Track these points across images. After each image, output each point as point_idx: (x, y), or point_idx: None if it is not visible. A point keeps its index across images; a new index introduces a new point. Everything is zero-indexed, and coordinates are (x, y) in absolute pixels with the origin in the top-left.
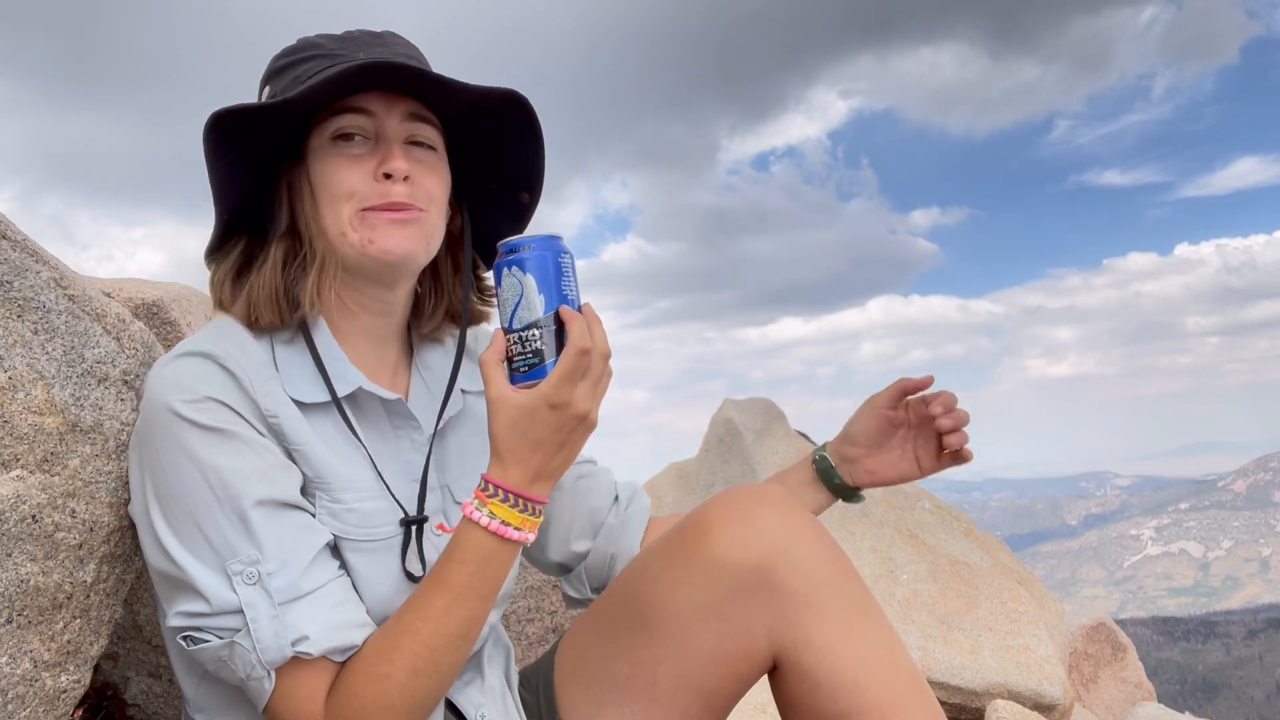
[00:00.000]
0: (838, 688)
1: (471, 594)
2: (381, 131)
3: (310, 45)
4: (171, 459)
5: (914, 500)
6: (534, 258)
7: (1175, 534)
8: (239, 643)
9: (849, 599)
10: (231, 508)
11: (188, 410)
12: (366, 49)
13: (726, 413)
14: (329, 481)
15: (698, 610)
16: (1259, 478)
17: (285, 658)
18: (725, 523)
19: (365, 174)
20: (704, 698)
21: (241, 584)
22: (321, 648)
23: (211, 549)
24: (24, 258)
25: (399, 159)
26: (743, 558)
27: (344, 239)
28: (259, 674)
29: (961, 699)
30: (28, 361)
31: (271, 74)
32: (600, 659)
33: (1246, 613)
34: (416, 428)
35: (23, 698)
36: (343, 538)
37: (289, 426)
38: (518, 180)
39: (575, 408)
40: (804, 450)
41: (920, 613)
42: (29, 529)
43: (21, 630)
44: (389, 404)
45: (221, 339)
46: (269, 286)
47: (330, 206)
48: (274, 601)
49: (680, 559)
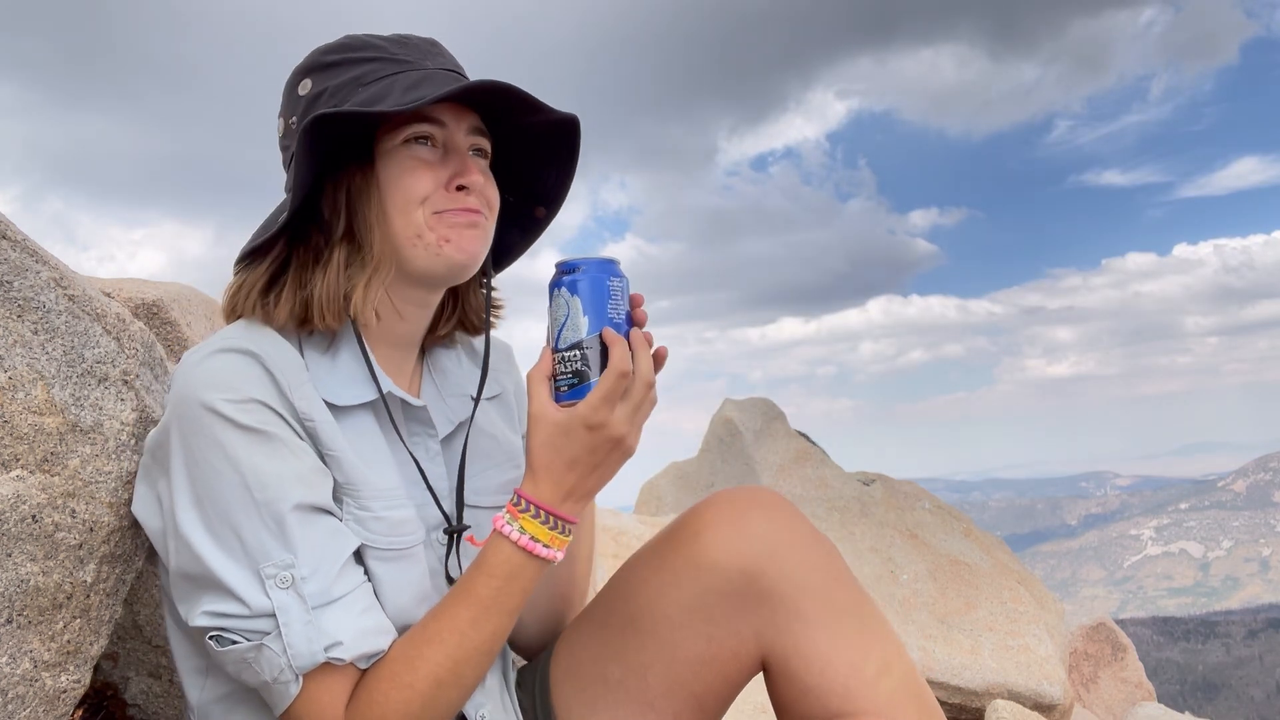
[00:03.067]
0: (827, 694)
1: (498, 608)
2: (451, 142)
3: (366, 45)
4: (208, 459)
5: (914, 500)
6: (584, 279)
7: (1175, 534)
8: (268, 646)
9: (840, 604)
10: (269, 511)
11: (230, 410)
12: (430, 57)
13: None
14: (358, 489)
15: (687, 613)
16: (1259, 478)
17: (316, 663)
18: (715, 526)
19: (438, 181)
20: (696, 700)
21: (275, 588)
22: (353, 653)
23: (245, 551)
24: (24, 258)
25: (475, 173)
26: (731, 562)
27: (418, 241)
28: (286, 678)
29: (961, 699)
30: (28, 361)
31: (316, 68)
32: (593, 660)
33: (1246, 613)
34: (432, 434)
35: (23, 698)
36: (368, 545)
37: (323, 431)
38: (540, 196)
39: (612, 430)
40: (804, 450)
41: (920, 613)
42: (29, 529)
43: (21, 630)
44: (410, 409)
45: (259, 338)
46: (333, 288)
47: (403, 211)
48: (308, 606)
49: (671, 561)
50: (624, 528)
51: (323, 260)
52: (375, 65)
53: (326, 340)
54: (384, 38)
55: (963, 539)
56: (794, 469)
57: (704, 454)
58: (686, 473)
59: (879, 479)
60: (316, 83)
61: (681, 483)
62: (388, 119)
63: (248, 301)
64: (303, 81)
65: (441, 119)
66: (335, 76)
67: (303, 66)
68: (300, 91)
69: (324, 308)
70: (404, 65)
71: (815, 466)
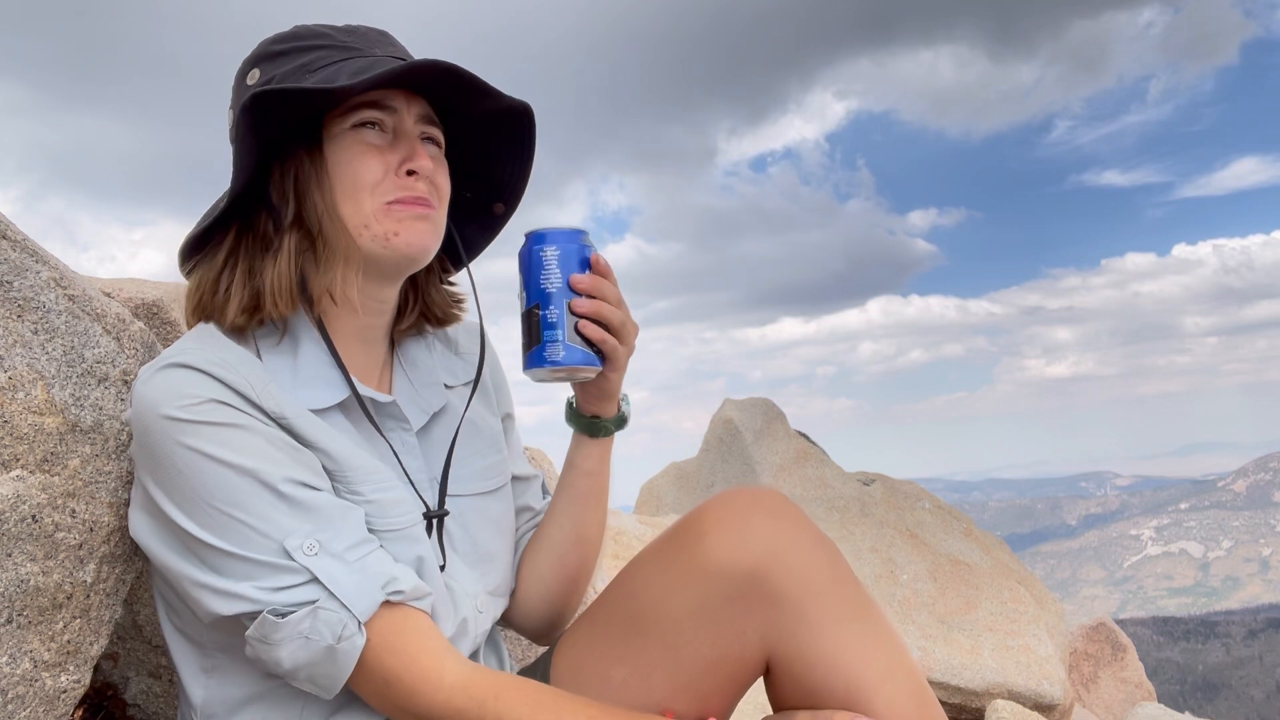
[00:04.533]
0: (829, 699)
1: None
2: (401, 128)
3: (315, 34)
4: (190, 464)
5: (914, 500)
6: (522, 254)
7: (1175, 534)
8: (323, 607)
9: (844, 607)
10: (269, 491)
11: (187, 414)
12: (379, 46)
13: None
14: (346, 474)
15: (691, 616)
16: (1259, 478)
17: (377, 604)
18: (719, 528)
19: (387, 166)
20: (700, 701)
21: (304, 556)
22: (410, 586)
23: (263, 535)
24: (24, 258)
25: (424, 157)
26: (736, 563)
27: (366, 231)
28: (350, 631)
29: (961, 699)
30: (28, 361)
31: (264, 57)
32: (596, 662)
33: (1246, 613)
34: (407, 428)
35: (23, 698)
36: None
37: (299, 425)
38: (498, 191)
39: None
40: (804, 450)
41: (920, 613)
42: (29, 529)
43: (21, 630)
44: (380, 406)
45: (207, 349)
46: (285, 277)
47: (352, 197)
48: (346, 560)
49: (674, 563)
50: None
51: (273, 248)
52: (323, 52)
53: (286, 343)
54: (334, 27)
55: (963, 539)
56: (794, 469)
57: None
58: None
59: (879, 479)
60: (264, 71)
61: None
62: (333, 101)
63: (203, 303)
64: (251, 71)
65: (391, 104)
66: (283, 65)
67: (251, 56)
68: (248, 81)
69: (275, 296)
70: (352, 52)
71: (815, 466)
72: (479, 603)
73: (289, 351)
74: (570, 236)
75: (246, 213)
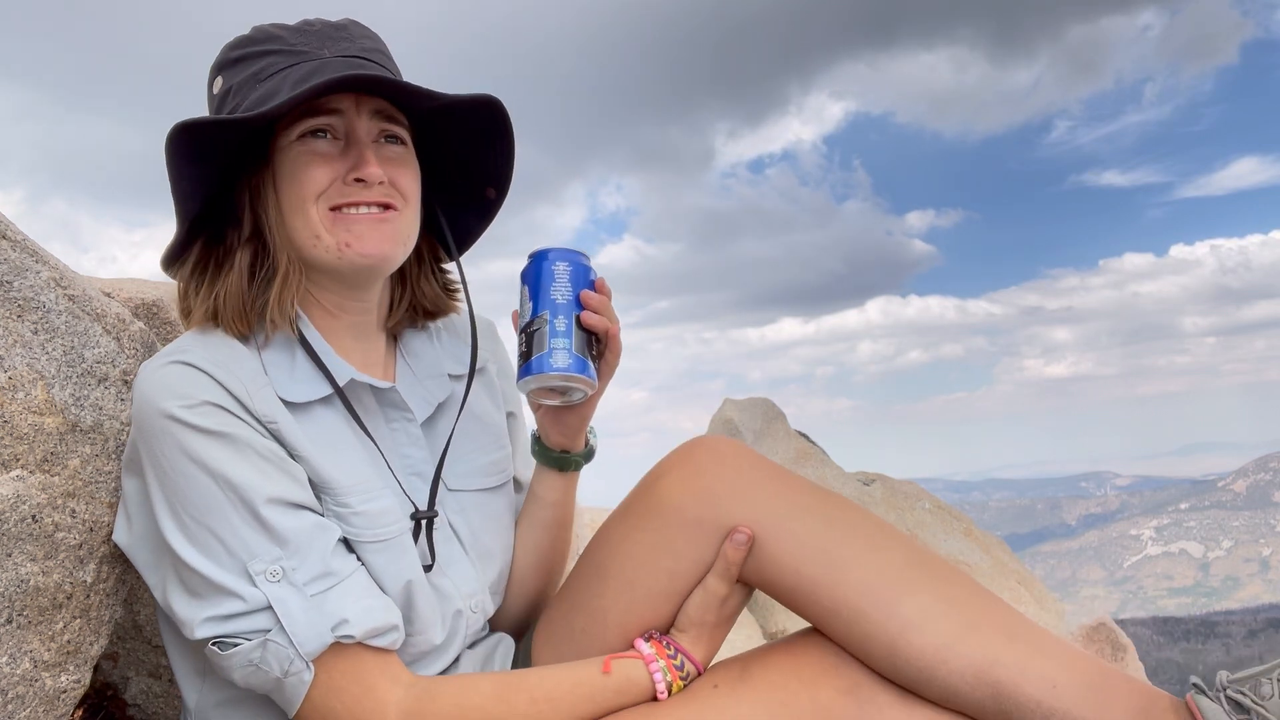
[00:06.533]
0: (810, 590)
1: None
2: (352, 131)
3: (268, 37)
4: (176, 465)
5: (914, 500)
6: (530, 267)
7: (1175, 534)
8: (273, 640)
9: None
10: (246, 509)
11: (187, 415)
12: (330, 44)
13: (726, 413)
14: (332, 485)
15: (649, 552)
16: (1259, 478)
17: (325, 645)
18: (670, 471)
19: (334, 174)
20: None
21: (265, 582)
22: (362, 629)
23: (229, 552)
24: (24, 258)
25: (372, 164)
26: (688, 498)
27: (318, 242)
28: (297, 668)
29: None
30: (28, 361)
31: (225, 64)
32: (563, 616)
33: (1246, 613)
34: (410, 418)
35: (23, 698)
36: (354, 540)
37: (286, 432)
38: (486, 177)
39: None
40: (804, 450)
41: None
42: (29, 529)
43: (21, 630)
44: (381, 394)
45: (207, 347)
46: (235, 295)
47: (299, 210)
48: (305, 594)
49: (633, 509)
50: None
51: (226, 265)
52: (273, 59)
53: (285, 339)
54: (287, 27)
55: (963, 539)
56: (794, 469)
57: None
58: None
59: (879, 479)
60: (225, 79)
61: None
62: (261, 121)
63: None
64: (216, 80)
65: (337, 107)
66: (239, 73)
67: (215, 63)
68: (214, 90)
69: (227, 314)
70: (299, 57)
71: (815, 466)
72: (475, 601)
73: (287, 349)
74: (580, 256)
75: (217, 224)
